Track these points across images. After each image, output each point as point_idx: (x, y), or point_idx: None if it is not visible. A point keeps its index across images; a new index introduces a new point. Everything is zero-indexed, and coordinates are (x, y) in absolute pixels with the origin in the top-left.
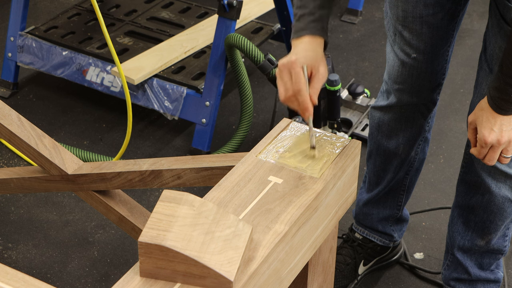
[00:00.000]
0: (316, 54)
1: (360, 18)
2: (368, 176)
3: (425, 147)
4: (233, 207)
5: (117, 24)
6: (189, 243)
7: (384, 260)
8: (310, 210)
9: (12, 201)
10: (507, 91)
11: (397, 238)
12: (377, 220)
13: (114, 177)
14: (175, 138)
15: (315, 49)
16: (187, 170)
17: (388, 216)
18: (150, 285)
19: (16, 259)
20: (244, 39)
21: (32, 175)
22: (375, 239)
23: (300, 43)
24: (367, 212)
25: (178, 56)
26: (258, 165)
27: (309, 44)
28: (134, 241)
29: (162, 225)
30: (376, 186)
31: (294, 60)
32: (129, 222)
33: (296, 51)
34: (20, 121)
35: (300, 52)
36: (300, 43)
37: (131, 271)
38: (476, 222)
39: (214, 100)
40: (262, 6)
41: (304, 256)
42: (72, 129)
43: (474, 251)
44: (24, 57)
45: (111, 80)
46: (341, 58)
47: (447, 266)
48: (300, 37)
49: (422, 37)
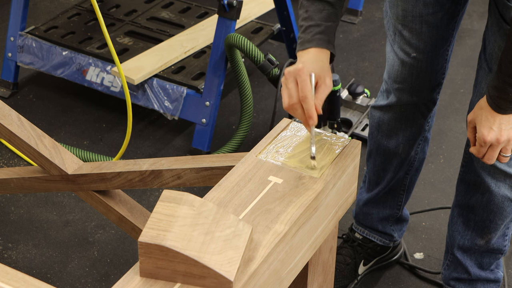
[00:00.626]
0: (323, 64)
1: (360, 18)
2: (368, 175)
3: (425, 147)
4: (233, 207)
5: (117, 24)
6: (189, 243)
7: (384, 260)
8: (310, 210)
9: (12, 201)
10: (506, 90)
11: (397, 238)
12: (377, 220)
13: (114, 177)
14: (175, 138)
15: (322, 60)
16: (187, 170)
17: (388, 216)
18: (150, 285)
19: (16, 259)
20: (244, 39)
21: (32, 175)
22: (375, 239)
23: (306, 54)
24: (367, 212)
25: (178, 56)
26: (258, 165)
27: (316, 56)
28: (134, 241)
29: (162, 225)
30: (376, 186)
31: (301, 67)
32: (129, 222)
33: (303, 60)
34: (20, 121)
35: (306, 62)
36: (306, 54)
37: (131, 271)
38: (476, 221)
39: (214, 100)
40: (262, 6)
41: (304, 256)
42: (72, 129)
43: (474, 250)
44: (24, 57)
45: (111, 80)
46: (341, 58)
47: (447, 266)
48: (306, 49)
49: (422, 36)
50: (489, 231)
